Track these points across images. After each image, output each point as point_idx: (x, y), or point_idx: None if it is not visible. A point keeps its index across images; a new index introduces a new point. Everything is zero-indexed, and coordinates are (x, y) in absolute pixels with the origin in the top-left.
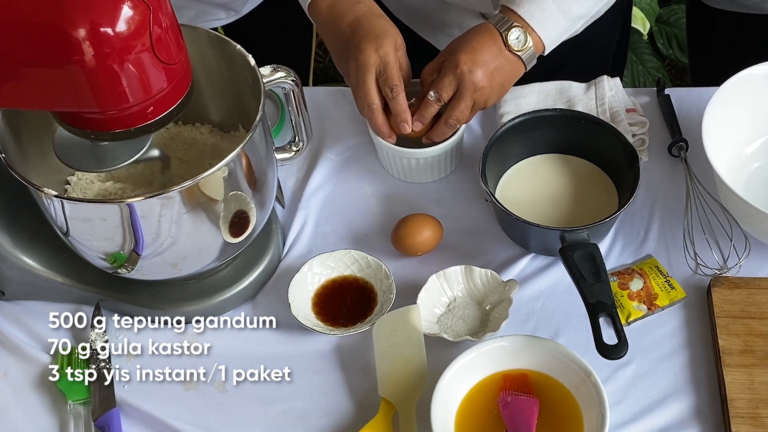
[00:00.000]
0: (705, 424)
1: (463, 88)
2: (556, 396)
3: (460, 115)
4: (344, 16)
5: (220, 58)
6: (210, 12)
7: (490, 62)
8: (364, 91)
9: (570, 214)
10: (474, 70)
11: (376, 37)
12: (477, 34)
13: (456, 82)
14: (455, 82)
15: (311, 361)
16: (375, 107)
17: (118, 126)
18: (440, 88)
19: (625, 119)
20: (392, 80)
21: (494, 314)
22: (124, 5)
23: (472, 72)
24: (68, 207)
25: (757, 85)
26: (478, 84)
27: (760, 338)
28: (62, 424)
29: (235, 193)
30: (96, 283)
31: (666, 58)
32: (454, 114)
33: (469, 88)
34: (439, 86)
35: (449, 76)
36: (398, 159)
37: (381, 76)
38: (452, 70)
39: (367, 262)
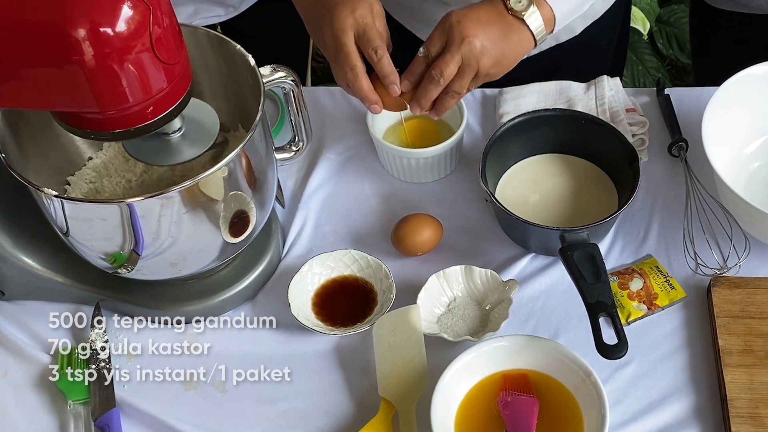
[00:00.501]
0: (705, 424)
1: (450, 41)
2: (556, 396)
3: (446, 67)
4: None
5: (220, 58)
6: (208, 8)
7: (485, 21)
8: (344, 53)
9: (570, 214)
10: (463, 21)
11: (351, 1)
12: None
13: (445, 35)
14: (444, 35)
15: (311, 361)
16: (358, 70)
17: (118, 126)
18: (428, 42)
19: (625, 119)
20: (374, 41)
21: (494, 314)
22: (124, 5)
23: (460, 23)
24: (68, 207)
25: (757, 85)
26: (465, 36)
27: (760, 338)
28: (62, 424)
29: (235, 193)
30: (96, 283)
31: (666, 58)
32: (438, 67)
33: (456, 40)
34: (427, 41)
35: (438, 29)
36: (398, 159)
37: (361, 39)
38: (441, 24)
39: (367, 262)
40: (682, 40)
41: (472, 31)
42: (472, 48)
